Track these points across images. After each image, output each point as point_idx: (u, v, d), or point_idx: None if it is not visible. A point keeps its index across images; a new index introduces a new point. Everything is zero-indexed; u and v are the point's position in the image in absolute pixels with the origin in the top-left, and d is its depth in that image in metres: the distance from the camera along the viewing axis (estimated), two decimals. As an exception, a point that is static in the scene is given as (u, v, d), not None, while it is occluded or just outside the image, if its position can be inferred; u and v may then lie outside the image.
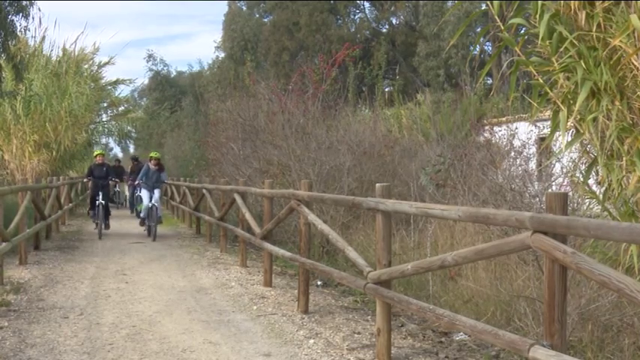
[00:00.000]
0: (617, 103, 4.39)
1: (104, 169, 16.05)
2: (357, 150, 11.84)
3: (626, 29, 4.17)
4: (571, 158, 5.83)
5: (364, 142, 12.28)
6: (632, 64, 4.30)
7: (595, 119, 4.47)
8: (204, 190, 15.37)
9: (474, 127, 13.56)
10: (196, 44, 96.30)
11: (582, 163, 5.21)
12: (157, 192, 15.41)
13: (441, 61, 28.82)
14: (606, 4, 4.44)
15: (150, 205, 15.33)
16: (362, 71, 24.26)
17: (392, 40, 34.36)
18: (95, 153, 17.06)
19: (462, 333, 5.96)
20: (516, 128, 9.90)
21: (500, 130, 10.27)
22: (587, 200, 5.75)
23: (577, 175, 5.42)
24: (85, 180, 17.75)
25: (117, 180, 18.99)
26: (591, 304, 5.15)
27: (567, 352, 3.80)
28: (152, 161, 15.58)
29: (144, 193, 15.55)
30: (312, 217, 7.39)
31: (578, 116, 4.63)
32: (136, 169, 21.04)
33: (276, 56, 33.75)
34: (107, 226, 16.02)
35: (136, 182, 16.35)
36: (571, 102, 4.57)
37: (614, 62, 4.40)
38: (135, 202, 22.13)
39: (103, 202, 15.54)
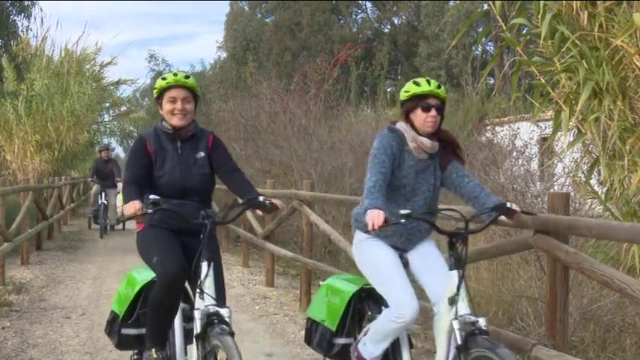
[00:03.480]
0: (619, 103, 4.39)
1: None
2: (359, 150, 11.83)
3: (629, 29, 4.16)
4: (573, 158, 5.82)
5: (366, 142, 12.26)
6: (634, 64, 4.29)
7: (597, 119, 4.47)
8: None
9: (475, 127, 13.54)
10: (199, 44, 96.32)
11: (584, 163, 5.21)
12: None
13: (442, 62, 28.82)
14: (608, 3, 4.43)
15: None
16: (364, 71, 24.25)
17: (394, 40, 34.38)
18: None
19: (463, 333, 5.94)
20: (518, 128, 9.88)
21: (503, 130, 10.25)
22: (589, 200, 5.76)
23: (579, 175, 5.41)
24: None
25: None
26: (593, 304, 5.14)
27: (569, 352, 3.80)
28: None
29: None
30: (314, 217, 7.38)
31: (580, 116, 4.63)
32: None
33: (278, 56, 33.78)
34: None
35: None
36: (573, 102, 4.57)
37: (616, 62, 4.39)
38: None
39: None
